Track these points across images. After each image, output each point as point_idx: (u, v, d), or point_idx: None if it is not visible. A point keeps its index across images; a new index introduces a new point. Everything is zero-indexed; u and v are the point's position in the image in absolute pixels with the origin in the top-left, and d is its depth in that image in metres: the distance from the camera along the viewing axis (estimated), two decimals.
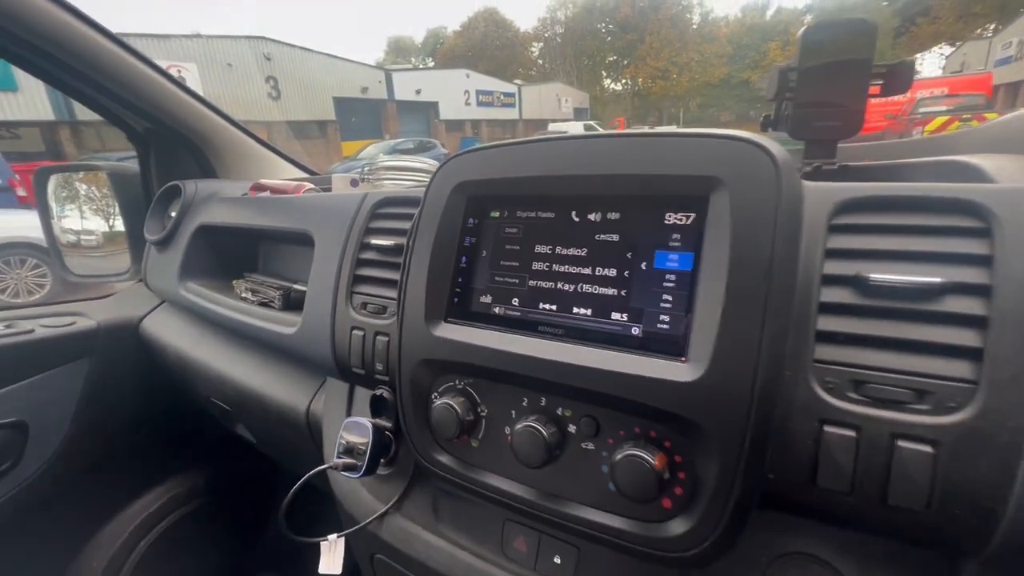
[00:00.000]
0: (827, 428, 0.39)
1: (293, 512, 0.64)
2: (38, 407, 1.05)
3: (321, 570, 0.65)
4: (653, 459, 0.42)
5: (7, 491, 1.01)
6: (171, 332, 1.12)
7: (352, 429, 0.63)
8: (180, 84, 1.28)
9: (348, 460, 0.61)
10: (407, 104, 25.18)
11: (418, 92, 25.43)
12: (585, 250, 0.50)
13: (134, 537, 1.21)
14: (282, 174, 1.53)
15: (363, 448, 0.61)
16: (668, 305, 0.45)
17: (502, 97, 31.12)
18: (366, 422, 0.63)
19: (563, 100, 37.07)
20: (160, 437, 1.31)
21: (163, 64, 1.22)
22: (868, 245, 0.41)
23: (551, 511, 0.50)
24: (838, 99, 0.64)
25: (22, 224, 5.78)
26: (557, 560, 0.54)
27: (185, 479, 1.35)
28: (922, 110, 12.46)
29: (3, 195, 7.81)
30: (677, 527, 0.43)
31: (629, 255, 0.48)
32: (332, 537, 0.64)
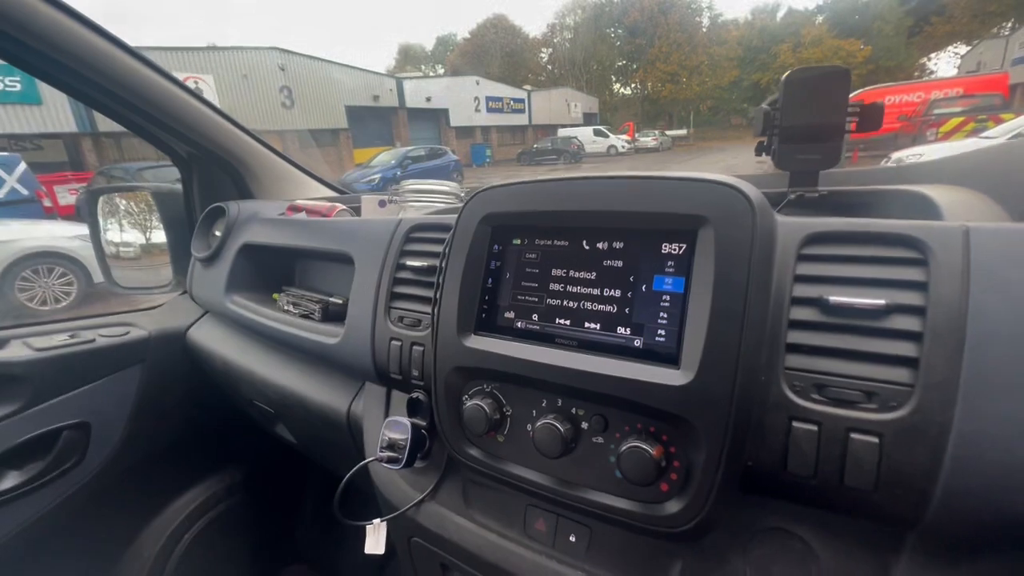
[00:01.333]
0: (795, 423, 0.48)
1: (340, 501, 0.73)
2: (99, 409, 1.17)
3: (367, 550, 0.74)
4: (652, 450, 0.51)
5: (74, 484, 1.12)
6: (216, 341, 1.23)
7: (393, 427, 0.73)
8: (219, 111, 1.39)
9: (391, 453, 0.71)
10: (417, 111, 25.48)
11: (428, 99, 25.72)
12: (594, 273, 0.59)
13: (181, 528, 1.32)
14: (310, 192, 1.64)
15: (403, 443, 0.70)
16: (664, 321, 0.54)
17: (512, 103, 31.31)
18: (405, 421, 0.72)
19: (572, 105, 37.20)
20: (203, 437, 1.42)
21: (181, 76, 1.33)
22: (829, 272, 0.50)
23: (567, 496, 0.58)
24: (817, 135, 0.72)
25: (48, 234, 6.00)
26: (572, 539, 0.63)
27: (225, 476, 1.46)
28: (936, 111, 12.32)
29: (31, 206, 8.10)
30: (672, 507, 0.52)
31: (631, 278, 0.57)
32: (376, 521, 0.73)
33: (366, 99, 22.75)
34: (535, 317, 0.62)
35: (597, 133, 28.28)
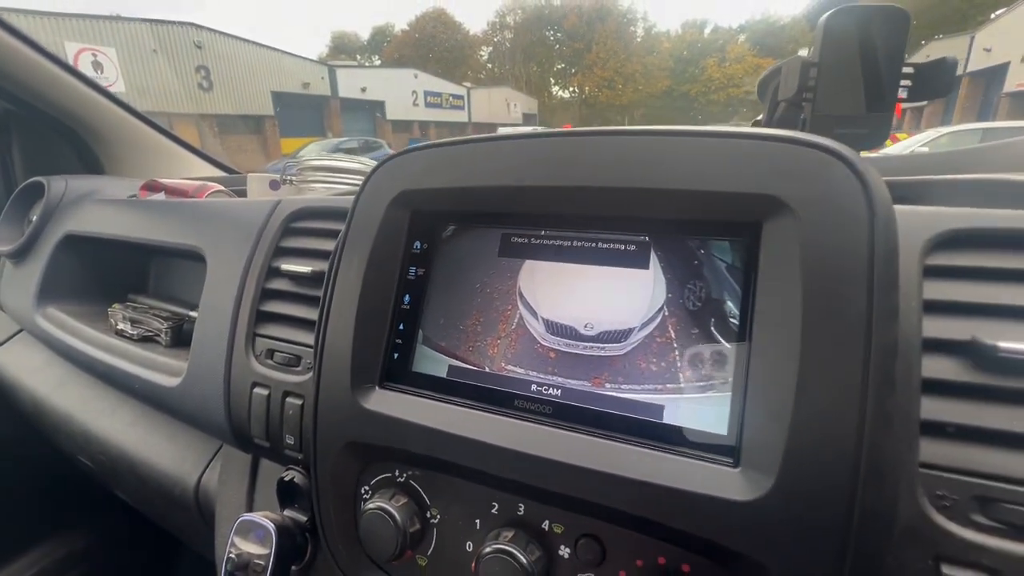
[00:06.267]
0: (945, 568, 0.27)
1: None
2: None
3: None
4: None
5: None
6: (28, 370, 0.88)
7: (247, 532, 0.45)
8: (57, 60, 1.03)
9: None
10: (352, 102, 24.33)
11: (363, 90, 24.64)
12: (579, 294, 0.36)
13: None
14: (193, 173, 1.29)
15: (263, 564, 0.43)
16: (703, 382, 0.31)
17: (451, 99, 30.78)
18: (266, 522, 0.45)
19: (512, 105, 37.21)
20: (26, 493, 1.05)
21: (75, 48, 0.98)
22: (984, 297, 0.30)
23: None
24: (862, 102, 0.54)
25: None
26: None
27: (60, 544, 1.09)
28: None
29: None
30: None
31: (643, 303, 0.34)
32: None
33: (295, 86, 21.38)
34: (481, 362, 0.38)
35: None
